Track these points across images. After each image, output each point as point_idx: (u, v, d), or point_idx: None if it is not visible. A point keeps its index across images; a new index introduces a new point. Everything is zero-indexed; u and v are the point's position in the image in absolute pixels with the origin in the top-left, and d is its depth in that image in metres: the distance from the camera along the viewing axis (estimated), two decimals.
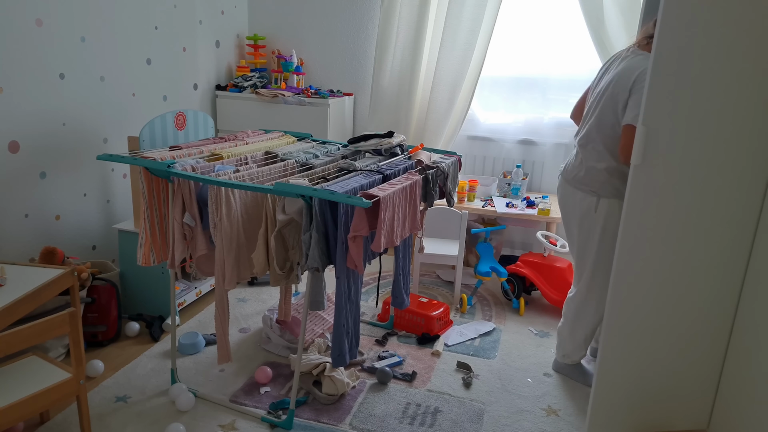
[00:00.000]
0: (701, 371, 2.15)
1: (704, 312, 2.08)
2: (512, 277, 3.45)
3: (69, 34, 2.91)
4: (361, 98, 4.38)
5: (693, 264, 2.02)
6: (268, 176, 2.33)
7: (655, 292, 2.06)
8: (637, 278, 2.04)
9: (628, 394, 2.17)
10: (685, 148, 1.91)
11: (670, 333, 2.10)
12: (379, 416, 2.40)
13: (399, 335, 3.07)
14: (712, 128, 1.89)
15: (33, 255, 2.83)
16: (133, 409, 2.38)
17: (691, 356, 2.13)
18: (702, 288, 2.05)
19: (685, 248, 2.01)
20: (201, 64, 3.98)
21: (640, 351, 2.12)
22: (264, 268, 2.26)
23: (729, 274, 2.04)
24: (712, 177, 1.93)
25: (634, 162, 1.93)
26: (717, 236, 2.00)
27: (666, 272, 2.03)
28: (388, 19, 3.95)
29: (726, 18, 1.79)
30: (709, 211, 1.97)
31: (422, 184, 2.50)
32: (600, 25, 3.58)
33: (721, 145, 1.90)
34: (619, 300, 2.07)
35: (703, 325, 2.10)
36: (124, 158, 2.28)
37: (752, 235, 2.01)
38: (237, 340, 2.95)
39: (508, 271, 3.44)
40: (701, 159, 1.92)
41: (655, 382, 2.16)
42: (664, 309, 2.07)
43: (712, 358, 2.14)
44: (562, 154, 4.09)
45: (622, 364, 2.14)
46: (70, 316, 1.93)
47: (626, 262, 2.03)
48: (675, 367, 2.14)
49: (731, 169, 1.93)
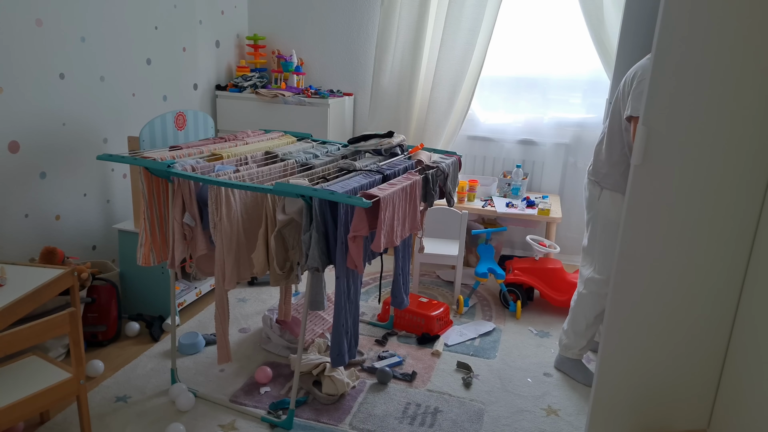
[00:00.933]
0: (701, 371, 2.15)
1: (704, 312, 2.08)
2: (512, 287, 3.44)
3: (69, 34, 2.91)
4: (361, 98, 4.38)
5: (693, 264, 2.02)
6: (268, 176, 2.33)
7: (655, 291, 2.06)
8: (637, 278, 2.04)
9: (628, 394, 2.17)
10: (686, 148, 1.91)
11: (671, 333, 2.10)
12: (379, 416, 2.40)
13: (399, 335, 3.07)
14: (712, 128, 1.89)
15: (33, 255, 2.83)
16: (133, 409, 2.38)
17: (691, 356, 2.13)
18: (702, 288, 2.05)
19: (686, 248, 2.01)
20: (201, 64, 3.98)
21: (640, 351, 2.12)
22: (264, 268, 2.26)
23: (729, 274, 2.04)
24: (713, 177, 1.93)
25: (635, 162, 1.93)
26: (717, 236, 2.00)
27: (666, 272, 2.03)
28: (388, 19, 3.96)
29: (726, 17, 1.79)
30: (710, 211, 1.97)
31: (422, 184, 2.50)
32: (600, 25, 3.58)
33: (722, 144, 1.90)
34: (620, 300, 2.07)
35: (704, 325, 2.10)
36: (124, 158, 2.28)
37: (753, 235, 2.01)
38: (237, 340, 2.96)
39: (508, 281, 3.42)
40: (701, 159, 1.92)
41: (655, 382, 2.16)
42: (664, 309, 2.07)
43: (712, 358, 2.14)
44: (562, 154, 4.09)
45: (622, 364, 2.14)
46: (70, 316, 1.93)
47: (627, 261, 2.03)
48: (675, 367, 2.14)
49: (732, 168, 1.93)
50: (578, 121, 4.04)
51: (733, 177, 1.93)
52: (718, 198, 1.95)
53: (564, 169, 4.14)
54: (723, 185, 1.94)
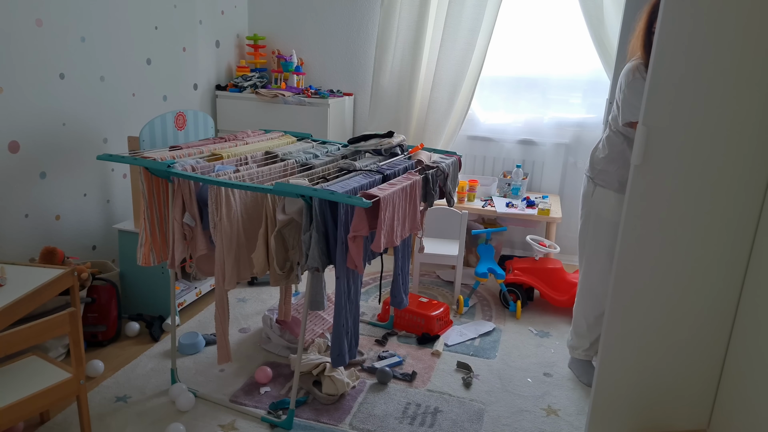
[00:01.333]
0: (701, 371, 2.15)
1: (704, 312, 2.08)
2: (512, 287, 3.44)
3: (69, 34, 2.91)
4: (361, 98, 4.38)
5: (693, 264, 2.02)
6: (268, 176, 2.33)
7: (655, 291, 2.06)
8: (637, 278, 2.04)
9: (628, 394, 2.17)
10: (686, 148, 1.91)
11: (671, 333, 2.10)
12: (379, 416, 2.40)
13: (399, 335, 3.07)
14: (712, 128, 1.89)
15: (33, 255, 2.83)
16: (133, 409, 2.38)
17: (691, 356, 2.13)
18: (702, 288, 2.05)
19: (686, 248, 2.01)
20: (201, 64, 3.98)
21: (640, 351, 2.12)
22: (264, 268, 2.26)
23: (729, 274, 2.04)
24: (713, 176, 1.93)
25: (635, 162, 1.93)
26: (717, 236, 2.00)
27: (666, 272, 2.03)
28: (388, 19, 3.95)
29: (726, 17, 1.79)
30: (710, 211, 1.97)
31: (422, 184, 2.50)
32: (600, 25, 3.58)
33: (722, 144, 1.90)
34: (620, 300, 2.07)
35: (704, 325, 2.10)
36: (124, 158, 2.28)
37: (752, 236, 2.01)
38: (237, 340, 2.95)
39: (508, 281, 3.42)
40: (702, 159, 1.92)
41: (655, 382, 2.16)
42: (664, 309, 2.07)
43: (712, 358, 2.14)
44: (562, 154, 4.09)
45: (622, 363, 2.14)
46: (70, 316, 1.93)
47: (627, 261, 2.03)
48: (675, 367, 2.14)
49: (732, 168, 1.93)
50: (578, 121, 4.04)
51: (733, 176, 1.93)
52: (718, 198, 1.95)
53: (564, 169, 4.13)
54: (723, 185, 1.94)
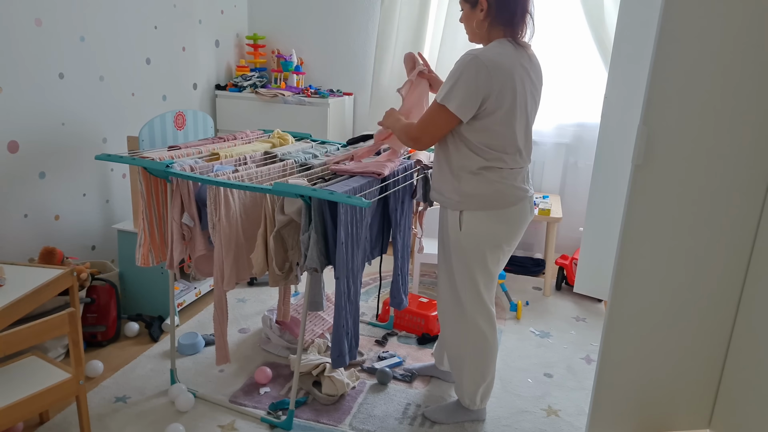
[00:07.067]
0: (702, 372, 2.15)
1: (705, 312, 2.08)
2: None
3: (68, 34, 2.90)
4: (361, 98, 4.38)
5: (694, 264, 2.02)
6: (267, 176, 2.32)
7: (655, 292, 2.05)
8: (637, 278, 2.04)
9: (628, 395, 2.17)
10: (686, 148, 1.90)
11: (671, 333, 2.10)
12: (378, 417, 2.39)
13: (399, 335, 3.07)
14: (712, 128, 1.88)
15: (32, 255, 2.83)
16: (133, 409, 2.37)
17: (691, 356, 2.13)
18: (703, 288, 2.05)
19: (686, 249, 2.00)
20: (200, 64, 3.97)
21: (640, 351, 2.12)
22: (263, 269, 2.25)
23: (730, 274, 2.04)
24: (713, 177, 1.93)
25: (635, 162, 1.93)
26: (718, 237, 1.99)
27: (667, 272, 2.03)
28: (388, 19, 3.95)
29: (726, 17, 1.78)
30: (710, 212, 1.96)
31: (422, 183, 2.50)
32: (600, 25, 3.58)
33: (722, 144, 1.90)
34: (620, 300, 2.07)
35: (704, 325, 2.09)
36: (123, 158, 2.27)
37: (753, 236, 2.00)
38: (236, 340, 2.95)
39: None
40: (702, 159, 1.91)
41: (655, 383, 2.16)
42: (664, 309, 2.07)
43: (712, 359, 2.13)
44: (562, 154, 4.09)
45: (622, 364, 2.13)
46: (70, 316, 1.93)
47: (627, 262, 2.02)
48: (676, 368, 2.14)
49: (732, 168, 1.92)
50: (579, 121, 4.03)
51: (733, 176, 1.93)
52: (718, 198, 1.95)
53: (564, 169, 4.13)
54: (723, 185, 1.94)
